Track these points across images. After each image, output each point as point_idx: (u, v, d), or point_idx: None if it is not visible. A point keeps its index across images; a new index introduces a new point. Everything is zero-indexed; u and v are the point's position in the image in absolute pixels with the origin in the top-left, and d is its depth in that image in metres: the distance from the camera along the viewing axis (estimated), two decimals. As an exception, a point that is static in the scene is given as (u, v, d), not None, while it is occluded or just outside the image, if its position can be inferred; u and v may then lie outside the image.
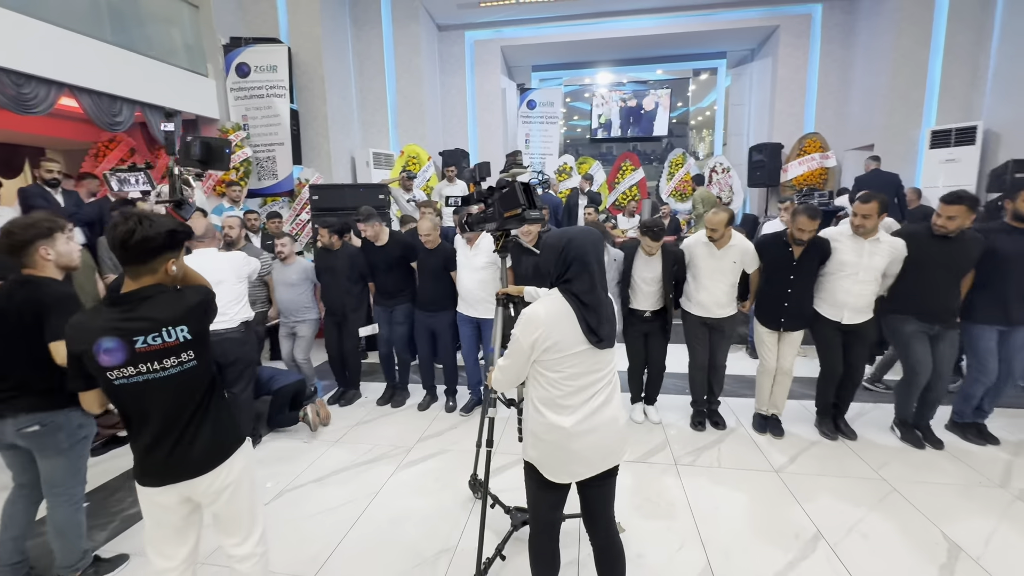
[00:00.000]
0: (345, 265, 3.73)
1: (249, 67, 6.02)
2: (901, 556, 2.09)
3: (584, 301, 1.45)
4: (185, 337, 1.35)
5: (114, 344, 1.26)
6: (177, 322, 1.34)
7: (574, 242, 1.47)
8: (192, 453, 1.38)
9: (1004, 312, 2.83)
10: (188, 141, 2.35)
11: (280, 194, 6.28)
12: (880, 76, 6.77)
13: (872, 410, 3.50)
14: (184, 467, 1.38)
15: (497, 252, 2.10)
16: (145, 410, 1.35)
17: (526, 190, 1.75)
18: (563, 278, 1.48)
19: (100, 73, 4.62)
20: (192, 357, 1.37)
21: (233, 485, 1.46)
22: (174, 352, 1.33)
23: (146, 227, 1.28)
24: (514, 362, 1.53)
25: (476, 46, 8.66)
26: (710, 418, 3.37)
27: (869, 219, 2.75)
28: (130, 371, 1.29)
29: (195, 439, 1.39)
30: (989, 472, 2.71)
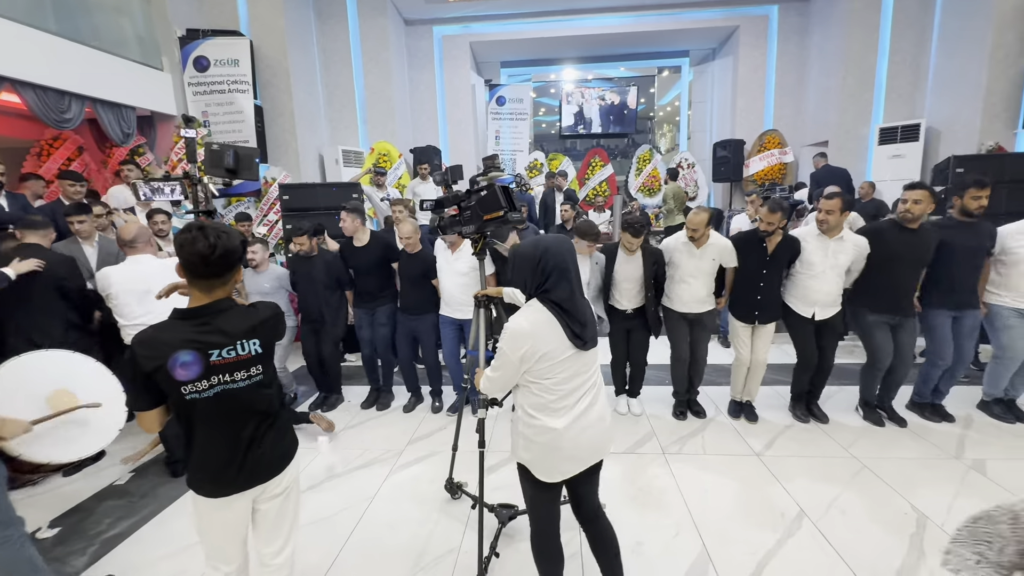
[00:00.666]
0: (322, 272, 3.62)
1: (208, 61, 5.74)
2: (876, 527, 2.26)
3: (565, 308, 1.49)
4: (256, 351, 1.37)
5: (191, 358, 1.26)
6: (250, 335, 1.36)
7: (551, 251, 1.50)
8: (267, 457, 1.43)
9: (952, 298, 3.07)
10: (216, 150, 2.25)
11: (246, 194, 6.03)
12: (832, 76, 7.15)
13: (837, 392, 3.71)
14: (261, 471, 1.42)
15: (475, 255, 2.12)
16: (214, 423, 1.35)
17: (506, 192, 1.78)
18: (542, 288, 1.51)
19: (44, 66, 4.30)
20: (260, 371, 1.40)
21: (290, 488, 1.53)
22: (245, 365, 1.35)
23: (226, 240, 1.28)
24: (503, 374, 1.56)
25: (444, 41, 8.56)
26: (691, 408, 3.50)
27: (832, 215, 2.92)
28: (203, 384, 1.29)
29: (265, 443, 1.42)
30: (945, 445, 2.95)
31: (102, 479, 2.91)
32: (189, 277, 1.32)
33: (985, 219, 3.07)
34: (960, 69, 5.92)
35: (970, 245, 3.02)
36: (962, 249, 3.01)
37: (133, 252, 2.65)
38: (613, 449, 3.04)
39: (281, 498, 1.50)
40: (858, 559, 2.06)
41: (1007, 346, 3.11)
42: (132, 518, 2.53)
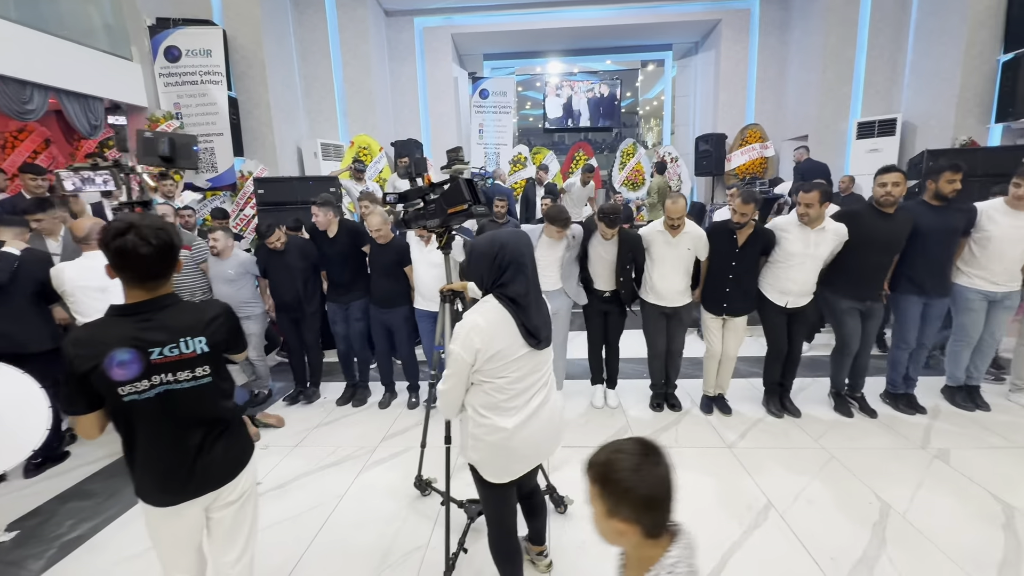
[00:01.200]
0: (296, 257, 3.57)
1: (180, 51, 5.59)
2: (841, 517, 2.29)
3: (521, 304, 1.47)
4: (202, 349, 1.30)
5: (129, 356, 1.19)
6: (196, 333, 1.29)
7: (507, 247, 1.47)
8: (218, 463, 1.37)
9: (925, 285, 3.10)
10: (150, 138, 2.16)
11: (221, 188, 5.91)
12: (812, 71, 7.20)
13: (811, 384, 3.76)
14: (212, 478, 1.36)
15: (440, 248, 2.09)
16: (158, 427, 1.28)
17: (470, 186, 1.75)
18: (498, 283, 1.48)
19: (5, 55, 4.15)
20: (207, 373, 1.32)
21: (248, 492, 1.47)
22: (189, 365, 1.28)
23: (164, 236, 1.21)
24: (457, 381, 1.50)
25: (425, 33, 8.45)
26: (667, 401, 3.52)
27: (812, 207, 2.92)
28: (143, 385, 1.22)
29: (216, 449, 1.36)
30: (912, 436, 3.00)
31: (66, 480, 2.85)
32: (126, 279, 1.23)
33: (959, 200, 3.09)
34: (935, 65, 5.99)
35: (942, 229, 3.03)
36: (934, 234, 3.03)
37: (88, 248, 2.58)
38: (588, 442, 3.06)
39: (237, 505, 1.44)
40: (821, 549, 2.08)
41: (965, 328, 3.18)
42: (95, 520, 2.47)
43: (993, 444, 2.87)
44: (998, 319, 3.16)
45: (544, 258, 3.28)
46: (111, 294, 2.52)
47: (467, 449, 1.59)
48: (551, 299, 3.29)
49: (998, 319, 3.16)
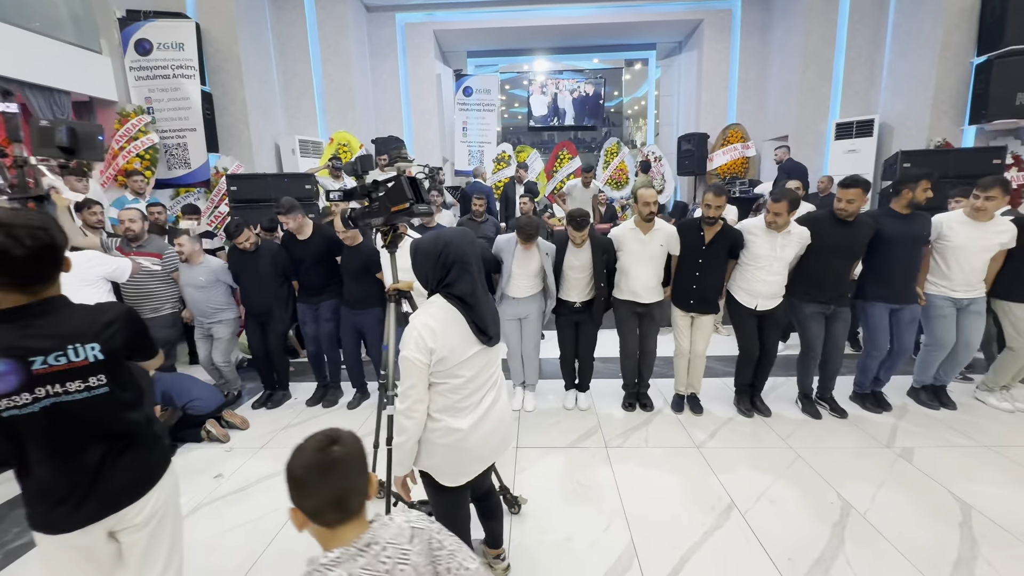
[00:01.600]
0: (267, 264, 3.50)
1: (151, 44, 5.47)
2: (802, 517, 2.29)
3: (468, 302, 1.45)
4: (96, 357, 1.17)
5: (6, 367, 1.07)
6: (88, 339, 1.16)
7: (452, 245, 1.45)
8: (119, 483, 1.23)
9: (891, 291, 3.13)
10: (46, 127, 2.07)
11: (195, 184, 5.80)
12: (793, 71, 7.25)
13: (783, 384, 3.77)
14: (112, 499, 1.23)
15: (385, 247, 2.05)
16: (47, 444, 1.15)
17: (413, 184, 1.72)
18: (444, 282, 1.46)
19: (-38, 46, 4.02)
20: (104, 382, 1.19)
21: (161, 512, 1.33)
22: (81, 375, 1.15)
23: (44, 237, 1.10)
24: (418, 389, 1.43)
25: (407, 29, 8.37)
26: (639, 400, 3.51)
27: (781, 216, 2.93)
28: (24, 399, 1.09)
29: (118, 466, 1.23)
30: (879, 435, 3.02)
31: (8, 488, 2.75)
32: (6, 285, 1.10)
33: (921, 211, 3.13)
34: (912, 67, 6.06)
35: (908, 237, 3.06)
36: (899, 241, 3.05)
37: None
38: (557, 443, 3.04)
39: (149, 528, 1.31)
40: (779, 549, 2.08)
41: (937, 335, 3.20)
42: (44, 526, 2.39)
43: (956, 443, 2.90)
44: (970, 326, 3.18)
45: (520, 268, 3.26)
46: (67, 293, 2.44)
47: (419, 456, 1.53)
48: (522, 305, 3.30)
49: (970, 326, 3.18)
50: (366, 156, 1.98)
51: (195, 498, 2.59)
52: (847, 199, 2.92)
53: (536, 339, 3.52)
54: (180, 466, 2.86)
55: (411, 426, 1.45)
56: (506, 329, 3.45)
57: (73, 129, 2.10)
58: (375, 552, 0.93)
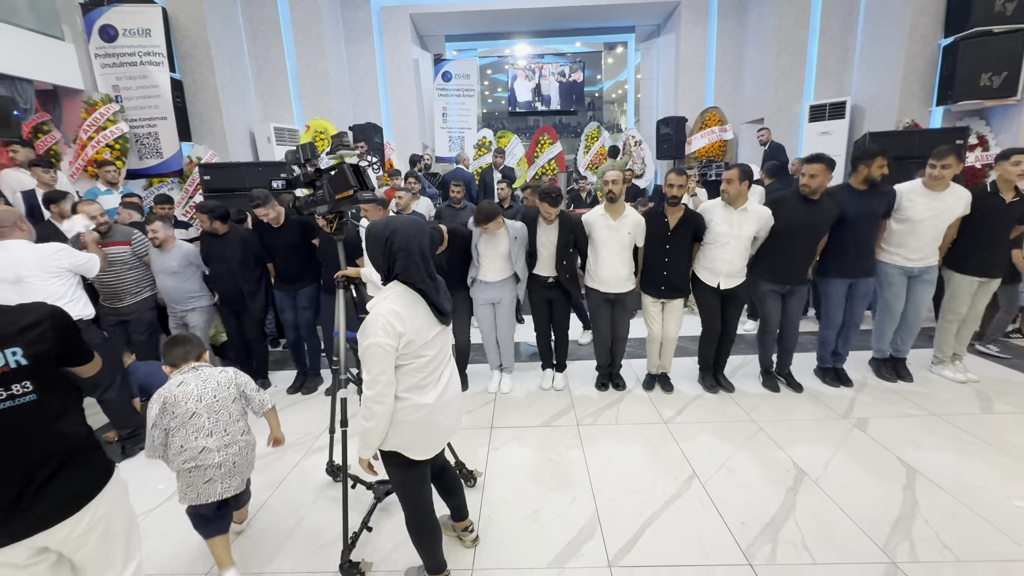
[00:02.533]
0: (237, 250, 3.50)
1: (116, 30, 5.32)
2: (758, 484, 2.41)
3: (420, 288, 1.50)
4: (18, 362, 1.11)
5: None
6: (7, 343, 1.10)
7: (397, 233, 1.48)
8: (46, 501, 1.15)
9: (848, 266, 3.24)
10: None
11: (168, 174, 5.71)
12: (768, 54, 7.30)
13: (751, 362, 3.90)
14: (37, 518, 1.14)
15: (331, 234, 2.08)
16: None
17: (356, 171, 1.75)
18: (393, 270, 1.50)
19: (-86, 33, 3.89)
20: (29, 389, 1.12)
21: (104, 520, 1.26)
22: (2, 381, 1.09)
23: None
24: (387, 376, 1.46)
25: (383, 13, 8.23)
26: (612, 380, 3.61)
27: (732, 184, 3.01)
28: None
29: (49, 484, 1.15)
30: (837, 407, 3.16)
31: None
32: None
33: (881, 184, 3.21)
34: (882, 49, 6.15)
35: (865, 213, 3.16)
36: (858, 217, 3.15)
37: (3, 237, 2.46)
38: (531, 423, 3.13)
39: (97, 534, 1.24)
40: (734, 514, 2.20)
41: (888, 302, 3.35)
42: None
43: (908, 413, 3.05)
44: (920, 294, 3.32)
45: (487, 249, 3.30)
46: (28, 286, 2.44)
47: (388, 437, 1.56)
48: (494, 289, 3.36)
49: (920, 294, 3.32)
50: (308, 144, 1.96)
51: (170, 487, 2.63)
52: (810, 174, 3.00)
53: (511, 322, 3.59)
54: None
55: (382, 411, 1.49)
56: (480, 314, 3.51)
57: None
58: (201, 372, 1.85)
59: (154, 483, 2.64)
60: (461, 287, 3.45)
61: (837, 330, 3.40)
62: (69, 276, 2.65)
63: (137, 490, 2.59)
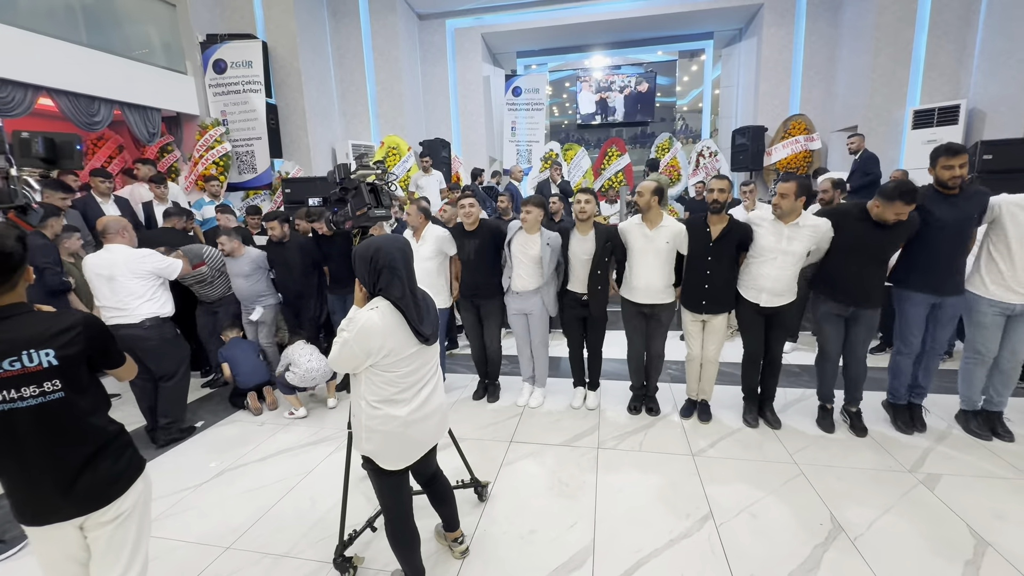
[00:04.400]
0: (296, 256, 3.89)
1: (226, 63, 6.18)
2: (782, 535, 2.17)
3: (400, 307, 1.55)
4: (50, 363, 1.21)
5: None
6: (41, 344, 1.20)
7: (381, 251, 1.55)
8: (87, 487, 1.28)
9: (935, 281, 2.77)
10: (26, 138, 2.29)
11: (260, 187, 6.47)
12: (864, 55, 6.57)
13: (812, 396, 3.52)
14: (80, 501, 1.28)
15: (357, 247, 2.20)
16: (6, 445, 1.22)
17: (372, 190, 1.86)
18: (378, 286, 1.57)
19: (76, 75, 4.82)
20: (58, 387, 1.23)
21: (125, 513, 1.36)
22: (35, 380, 1.19)
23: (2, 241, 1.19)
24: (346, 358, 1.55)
25: (457, 34, 8.66)
26: (646, 404, 3.45)
27: (786, 198, 2.74)
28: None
29: (85, 472, 1.28)
30: (904, 457, 2.74)
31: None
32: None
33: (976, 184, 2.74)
34: (1009, 45, 5.28)
35: (954, 218, 2.67)
36: (944, 225, 2.68)
37: (106, 241, 2.96)
38: (551, 440, 3.09)
39: (113, 525, 1.34)
40: (745, 564, 2.00)
41: (975, 343, 2.84)
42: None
43: (996, 474, 2.57)
44: (1020, 334, 2.79)
45: (518, 255, 3.33)
46: (118, 284, 2.91)
47: (361, 441, 1.66)
48: (526, 300, 3.37)
49: (1020, 334, 2.79)
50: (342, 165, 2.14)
51: (221, 464, 2.97)
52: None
53: (544, 334, 3.57)
54: (219, 437, 3.30)
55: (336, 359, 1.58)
56: (513, 324, 3.55)
57: (51, 139, 2.29)
58: None
59: (207, 461, 3.00)
60: (495, 295, 3.51)
61: (915, 357, 2.94)
62: (152, 278, 3.09)
63: (191, 467, 2.98)
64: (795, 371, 3.98)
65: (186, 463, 3.03)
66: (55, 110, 5.14)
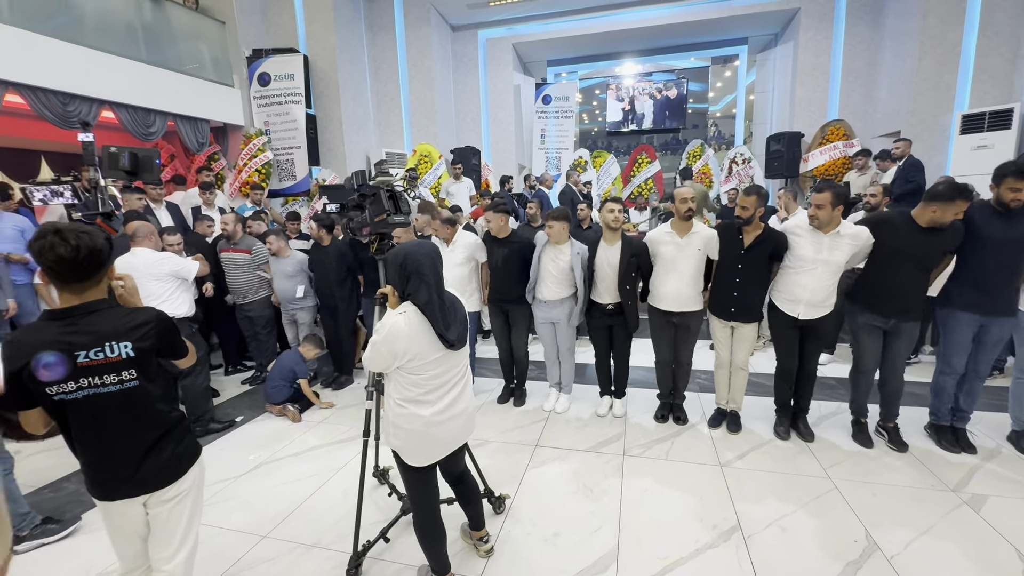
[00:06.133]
0: (333, 261, 4.05)
1: (269, 76, 6.49)
2: (813, 550, 2.12)
3: (425, 312, 1.61)
4: (128, 354, 1.33)
5: (54, 359, 1.25)
6: (121, 337, 1.33)
7: (410, 257, 1.62)
8: (152, 467, 1.41)
9: (985, 301, 2.65)
10: (115, 152, 2.48)
11: (298, 194, 6.74)
12: (908, 59, 6.34)
13: (848, 410, 3.40)
14: (145, 480, 1.41)
15: (373, 254, 2.26)
16: (87, 428, 1.34)
17: (392, 197, 1.93)
18: (407, 292, 1.63)
19: (135, 89, 5.17)
20: (133, 376, 1.35)
21: (183, 494, 1.49)
22: (115, 369, 1.32)
23: (88, 240, 1.28)
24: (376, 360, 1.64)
25: (488, 44, 8.82)
26: (673, 412, 3.41)
27: (823, 209, 2.67)
28: (71, 386, 1.28)
29: (151, 454, 1.41)
30: (948, 476, 2.63)
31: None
32: (57, 283, 1.31)
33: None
34: (1068, 43, 5.01)
35: (1008, 237, 2.56)
36: (998, 243, 2.57)
37: (134, 244, 3.07)
38: (576, 446, 3.10)
39: (171, 504, 1.47)
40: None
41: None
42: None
43: (1049, 496, 2.43)
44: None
45: (549, 262, 3.37)
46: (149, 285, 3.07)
47: (389, 436, 1.74)
48: (553, 308, 3.40)
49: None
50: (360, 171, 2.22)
51: (259, 458, 3.11)
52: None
53: (571, 342, 3.59)
54: (258, 432, 3.45)
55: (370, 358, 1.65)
56: (541, 331, 3.58)
57: (135, 154, 2.49)
58: None
59: (246, 454, 3.15)
60: (523, 301, 3.55)
61: (958, 379, 2.83)
62: (171, 280, 3.19)
63: (231, 460, 3.12)
64: (831, 383, 3.86)
65: (227, 456, 3.18)
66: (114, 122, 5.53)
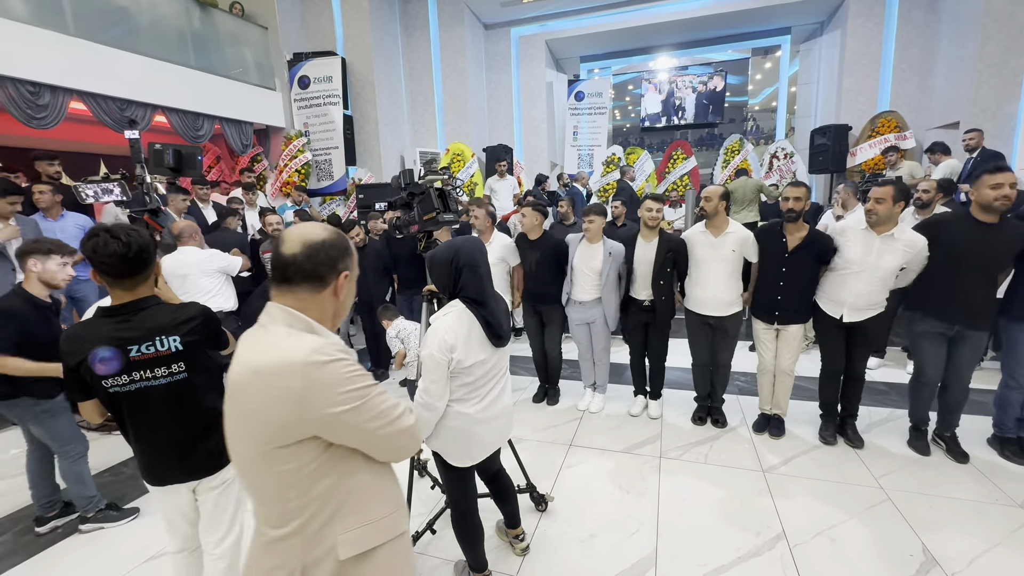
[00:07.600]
0: (372, 260, 4.13)
1: (309, 79, 6.68)
2: (864, 563, 2.02)
3: (479, 300, 1.61)
4: (176, 347, 1.41)
5: (109, 353, 1.33)
6: (170, 332, 1.40)
7: (461, 251, 1.62)
8: (200, 455, 1.48)
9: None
10: (159, 149, 2.56)
11: (335, 193, 6.92)
12: (969, 44, 5.94)
13: (901, 417, 3.23)
14: (194, 468, 1.49)
15: (421, 252, 2.26)
16: (140, 418, 1.42)
17: (441, 195, 1.94)
18: (458, 287, 1.63)
19: (185, 94, 5.42)
20: (182, 369, 1.43)
21: (228, 481, 1.57)
22: (165, 362, 1.40)
23: (137, 237, 1.34)
24: (439, 386, 1.59)
25: (521, 42, 8.80)
26: (711, 415, 3.32)
27: (883, 203, 2.52)
28: (124, 379, 1.36)
29: (199, 442, 1.48)
30: (1013, 490, 2.45)
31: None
32: (109, 281, 1.36)
33: None
34: None
35: None
36: None
37: (181, 244, 3.25)
38: (612, 447, 3.06)
39: (219, 490, 1.54)
40: (821, 590, 1.89)
41: None
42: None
43: None
44: None
45: (581, 263, 3.33)
46: (190, 282, 3.20)
47: (431, 438, 1.73)
48: (588, 309, 3.37)
49: None
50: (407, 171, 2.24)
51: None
52: (1009, 183, 2.34)
53: (606, 341, 3.54)
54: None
55: (428, 417, 1.61)
56: (575, 332, 3.55)
57: (179, 152, 2.56)
58: None
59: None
60: (557, 302, 3.53)
61: None
62: (218, 275, 3.39)
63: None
64: (881, 389, 3.67)
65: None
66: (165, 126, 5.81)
